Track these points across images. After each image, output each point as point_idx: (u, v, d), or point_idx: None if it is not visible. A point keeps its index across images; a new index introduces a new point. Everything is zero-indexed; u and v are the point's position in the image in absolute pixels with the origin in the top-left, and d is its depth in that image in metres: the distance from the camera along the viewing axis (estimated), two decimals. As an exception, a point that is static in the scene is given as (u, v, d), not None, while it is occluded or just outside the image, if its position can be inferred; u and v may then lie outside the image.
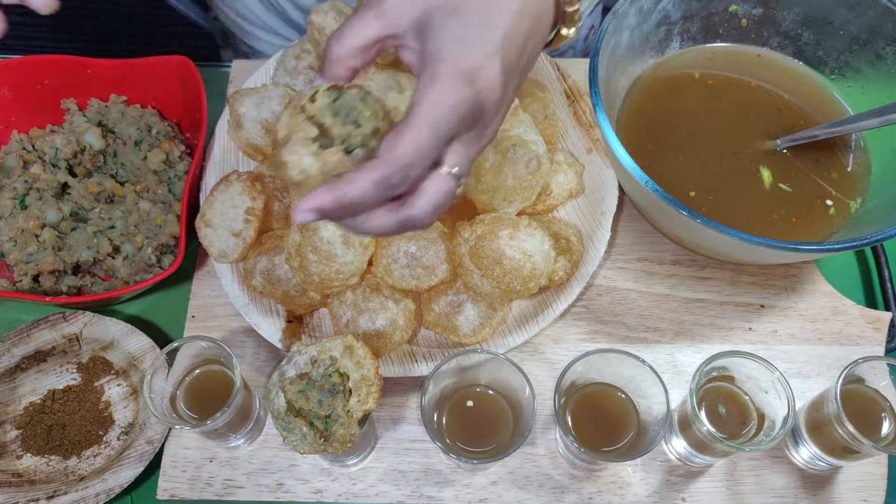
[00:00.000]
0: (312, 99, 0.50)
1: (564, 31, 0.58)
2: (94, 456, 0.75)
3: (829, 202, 0.79)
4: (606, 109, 0.72)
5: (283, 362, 0.62)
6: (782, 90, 0.86)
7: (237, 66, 0.96)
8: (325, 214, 0.48)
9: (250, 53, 1.08)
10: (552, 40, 0.59)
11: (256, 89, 0.83)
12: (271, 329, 0.76)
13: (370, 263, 0.74)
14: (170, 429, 0.74)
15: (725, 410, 0.70)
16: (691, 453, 0.71)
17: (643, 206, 0.79)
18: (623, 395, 0.71)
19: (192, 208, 0.82)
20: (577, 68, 0.92)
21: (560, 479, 0.73)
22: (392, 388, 0.77)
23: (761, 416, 0.69)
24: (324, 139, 0.49)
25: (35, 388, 0.78)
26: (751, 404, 0.70)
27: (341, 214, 0.49)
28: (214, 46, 1.22)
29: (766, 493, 0.73)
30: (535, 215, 0.80)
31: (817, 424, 0.70)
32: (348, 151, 0.49)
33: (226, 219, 0.74)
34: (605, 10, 1.16)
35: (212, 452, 0.74)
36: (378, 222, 0.50)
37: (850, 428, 0.64)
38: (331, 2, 0.84)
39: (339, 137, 0.49)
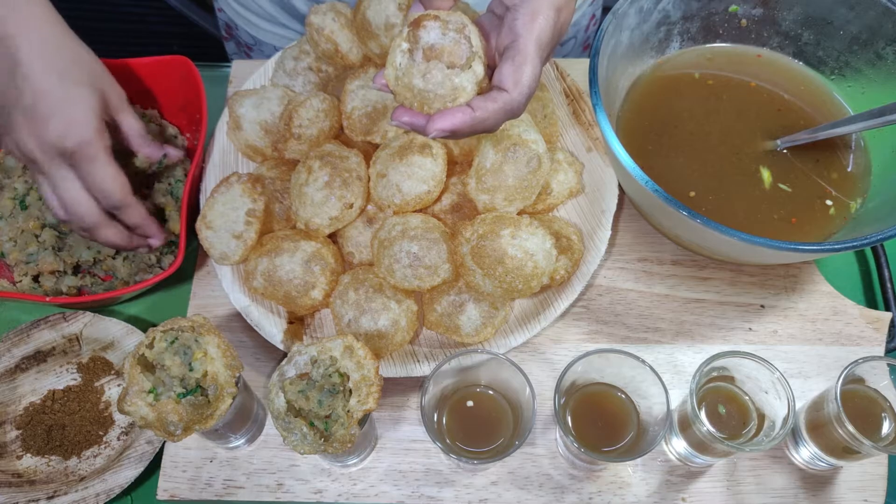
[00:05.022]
0: (150, 345, 0.61)
1: None
2: (94, 456, 0.75)
3: (829, 202, 0.79)
4: (606, 109, 0.72)
5: (284, 362, 0.62)
6: (782, 90, 0.86)
7: (237, 67, 0.96)
8: (456, 134, 0.56)
9: (253, 44, 1.08)
10: None
11: (255, 91, 0.83)
12: (273, 330, 0.76)
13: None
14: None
15: (725, 410, 0.70)
16: (691, 453, 0.71)
17: (643, 206, 0.79)
18: (623, 396, 0.71)
19: (193, 209, 0.82)
20: (577, 68, 0.92)
21: (560, 479, 0.73)
22: (392, 388, 0.77)
23: (761, 416, 0.69)
24: (161, 383, 0.61)
25: (35, 388, 0.78)
26: (751, 404, 0.70)
27: (468, 133, 0.57)
28: (214, 46, 1.22)
29: (766, 493, 0.73)
30: (535, 214, 0.80)
31: (817, 424, 0.70)
32: (182, 396, 0.61)
33: (227, 221, 0.74)
34: (606, 10, 1.15)
35: (212, 453, 0.74)
36: (493, 122, 0.57)
37: (850, 428, 0.64)
38: (330, 2, 0.83)
39: (176, 378, 0.61)
